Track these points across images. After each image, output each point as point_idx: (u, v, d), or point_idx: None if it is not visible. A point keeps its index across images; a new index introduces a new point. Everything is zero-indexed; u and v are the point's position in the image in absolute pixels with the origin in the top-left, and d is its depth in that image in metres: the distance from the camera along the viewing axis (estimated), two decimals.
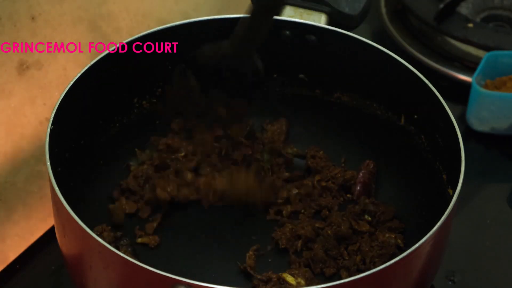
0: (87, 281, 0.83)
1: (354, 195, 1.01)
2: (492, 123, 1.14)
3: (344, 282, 0.76)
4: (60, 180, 0.83)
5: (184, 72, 0.99)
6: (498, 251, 1.03)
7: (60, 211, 0.82)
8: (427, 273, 0.85)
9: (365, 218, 0.98)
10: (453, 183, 0.86)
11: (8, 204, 1.00)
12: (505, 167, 1.14)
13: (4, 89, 0.96)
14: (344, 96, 1.04)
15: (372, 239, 0.96)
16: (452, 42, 1.26)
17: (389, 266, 0.78)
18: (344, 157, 1.05)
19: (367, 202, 0.99)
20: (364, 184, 1.01)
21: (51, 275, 0.99)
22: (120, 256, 0.77)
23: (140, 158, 1.02)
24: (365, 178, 1.01)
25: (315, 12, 1.01)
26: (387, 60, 0.97)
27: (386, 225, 0.97)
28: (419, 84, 0.94)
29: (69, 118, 0.90)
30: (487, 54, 1.16)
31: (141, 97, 1.02)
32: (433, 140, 0.95)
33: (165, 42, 0.98)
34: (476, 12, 1.30)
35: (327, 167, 1.03)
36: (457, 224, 0.91)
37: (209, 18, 1.00)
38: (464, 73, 1.22)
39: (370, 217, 0.98)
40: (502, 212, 1.08)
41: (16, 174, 1.00)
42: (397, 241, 0.95)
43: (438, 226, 0.81)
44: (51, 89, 1.01)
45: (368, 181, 1.01)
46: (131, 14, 1.09)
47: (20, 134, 1.00)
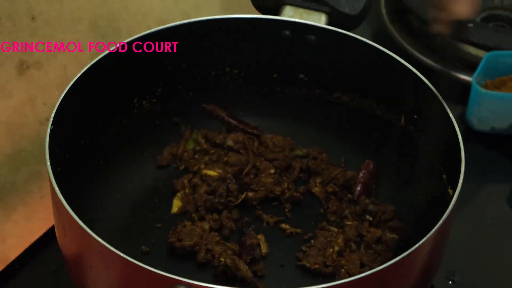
0: (87, 281, 0.83)
1: (355, 195, 1.01)
2: (492, 123, 1.14)
3: (344, 282, 0.76)
4: (60, 180, 0.83)
5: None
6: (498, 251, 1.03)
7: (60, 211, 0.82)
8: (427, 273, 0.85)
9: (366, 218, 0.98)
10: (453, 183, 0.86)
11: (8, 204, 1.00)
12: (505, 167, 1.14)
13: (4, 89, 0.96)
14: (344, 96, 1.04)
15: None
16: (452, 42, 1.26)
17: (389, 266, 0.78)
18: (344, 157, 1.05)
19: (368, 202, 0.99)
20: (364, 184, 1.01)
21: (51, 275, 0.99)
22: (120, 256, 0.76)
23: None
24: (365, 178, 1.01)
25: (315, 12, 1.01)
26: (387, 60, 0.97)
27: (387, 225, 0.97)
28: (419, 84, 0.94)
29: (69, 118, 0.90)
30: (487, 54, 1.16)
31: (141, 97, 1.02)
32: (433, 140, 0.95)
33: (165, 41, 0.98)
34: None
35: (328, 168, 1.03)
36: (457, 224, 0.91)
37: (209, 18, 1.00)
38: (464, 73, 1.22)
39: (371, 217, 0.98)
40: (502, 212, 1.08)
41: (16, 174, 1.00)
42: (396, 240, 0.95)
43: (438, 226, 0.81)
44: (51, 89, 1.01)
45: (368, 181, 1.01)
46: (131, 14, 1.09)
47: (20, 134, 1.00)
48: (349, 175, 1.02)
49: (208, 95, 1.05)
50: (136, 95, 1.02)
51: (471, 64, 1.21)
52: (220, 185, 0.98)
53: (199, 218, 0.97)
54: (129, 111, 1.02)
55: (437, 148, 0.95)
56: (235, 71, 1.05)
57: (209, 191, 0.98)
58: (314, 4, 1.01)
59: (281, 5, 1.01)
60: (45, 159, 0.84)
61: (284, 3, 1.01)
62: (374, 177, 1.02)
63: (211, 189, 0.98)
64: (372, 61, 0.99)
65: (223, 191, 0.98)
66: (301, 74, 1.04)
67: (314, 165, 1.03)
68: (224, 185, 0.98)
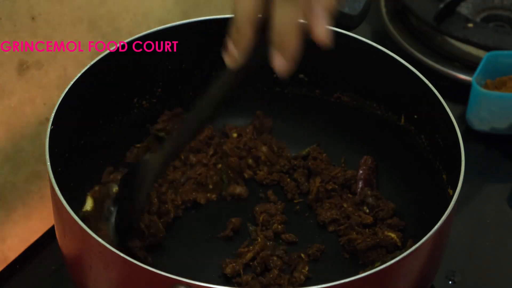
0: (87, 281, 0.83)
1: (357, 193, 1.01)
2: (492, 123, 1.14)
3: (344, 282, 0.76)
4: (60, 180, 0.83)
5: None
6: (498, 251, 1.03)
7: (60, 211, 0.82)
8: (427, 273, 0.85)
9: (363, 209, 0.98)
10: (453, 183, 0.86)
11: (8, 204, 1.00)
12: (505, 167, 1.14)
13: (4, 89, 0.96)
14: (344, 96, 1.04)
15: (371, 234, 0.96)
16: (452, 42, 1.26)
17: (389, 266, 0.78)
18: (344, 157, 1.04)
19: (368, 194, 0.99)
20: (365, 180, 1.01)
21: (51, 275, 0.99)
22: (120, 256, 0.76)
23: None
24: (365, 174, 1.01)
25: None
26: (387, 60, 0.97)
27: (386, 222, 0.97)
28: (419, 84, 0.94)
29: (69, 118, 0.90)
30: (487, 54, 1.16)
31: (141, 97, 1.02)
32: (433, 140, 0.95)
33: (165, 41, 0.98)
34: (476, 12, 1.30)
35: (327, 168, 1.03)
36: (457, 224, 0.91)
37: (209, 18, 1.00)
38: (464, 73, 1.22)
39: (368, 210, 0.98)
40: (502, 212, 1.08)
41: (16, 174, 1.00)
42: (395, 239, 0.95)
43: (438, 226, 0.81)
44: (51, 89, 1.01)
45: (368, 176, 1.01)
46: (131, 14, 1.09)
47: (20, 134, 1.00)
48: (349, 174, 1.02)
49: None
50: (136, 95, 1.02)
51: (471, 64, 1.22)
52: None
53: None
54: (129, 111, 1.02)
55: (437, 148, 0.95)
56: None
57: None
58: None
59: None
60: (45, 159, 0.84)
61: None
62: (374, 171, 1.02)
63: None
64: (372, 61, 0.99)
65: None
66: (301, 74, 1.04)
67: (313, 165, 1.03)
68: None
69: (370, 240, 0.94)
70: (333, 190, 1.01)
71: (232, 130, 1.05)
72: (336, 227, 0.98)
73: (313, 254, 0.95)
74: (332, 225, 0.98)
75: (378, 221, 0.98)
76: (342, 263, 0.96)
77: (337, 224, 0.98)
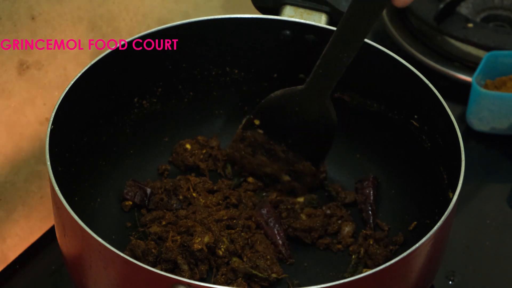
0: (87, 281, 0.83)
1: (369, 221, 1.00)
2: (492, 123, 1.14)
3: (344, 282, 0.76)
4: (60, 180, 0.83)
5: (251, 125, 0.99)
6: (498, 251, 1.03)
7: (60, 211, 0.82)
8: (427, 273, 0.85)
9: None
10: (453, 183, 0.86)
11: (8, 204, 1.01)
12: (505, 167, 1.14)
13: (4, 89, 0.96)
14: (344, 95, 1.04)
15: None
16: (452, 42, 1.26)
17: (389, 266, 0.78)
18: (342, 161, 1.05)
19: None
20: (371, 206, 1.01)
21: (51, 275, 0.99)
22: (120, 256, 0.77)
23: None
24: (372, 205, 1.01)
25: (315, 12, 1.01)
26: (387, 60, 0.97)
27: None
28: (419, 84, 0.94)
29: (69, 118, 0.90)
30: (487, 54, 1.16)
31: (141, 97, 1.02)
32: (433, 140, 0.95)
33: (165, 40, 0.98)
34: (476, 12, 1.30)
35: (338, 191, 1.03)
36: (457, 224, 0.91)
37: (209, 18, 1.00)
38: (464, 73, 1.22)
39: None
40: (502, 212, 1.08)
41: (16, 174, 1.00)
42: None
43: (438, 226, 0.81)
44: (51, 89, 1.01)
45: (374, 197, 1.01)
46: (131, 14, 1.09)
47: (20, 134, 1.00)
48: (348, 200, 1.01)
49: (208, 95, 1.05)
50: (136, 95, 1.02)
51: (471, 64, 1.22)
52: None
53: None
54: (129, 111, 1.02)
55: (437, 148, 0.95)
56: (235, 71, 1.04)
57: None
58: (314, 4, 1.01)
59: (281, 5, 1.01)
60: (45, 159, 0.84)
61: (284, 3, 1.01)
62: (376, 191, 1.02)
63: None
64: (372, 61, 0.99)
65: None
66: (301, 74, 1.04)
67: (330, 188, 1.03)
68: None
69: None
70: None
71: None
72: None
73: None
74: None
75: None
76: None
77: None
